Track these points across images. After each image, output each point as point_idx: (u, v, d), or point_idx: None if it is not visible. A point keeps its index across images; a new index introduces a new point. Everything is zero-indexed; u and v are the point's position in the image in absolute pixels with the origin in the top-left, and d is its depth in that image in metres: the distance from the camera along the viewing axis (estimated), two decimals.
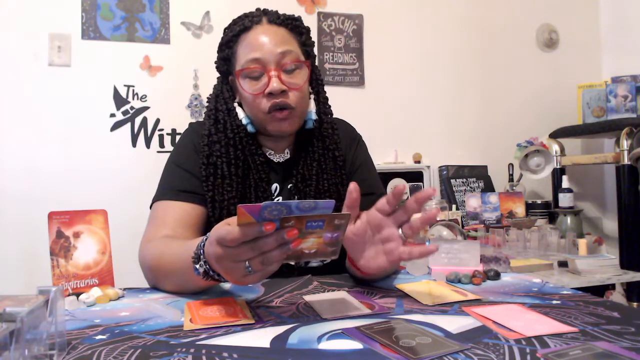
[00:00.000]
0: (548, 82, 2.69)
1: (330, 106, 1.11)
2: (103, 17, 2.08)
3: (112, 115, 2.10)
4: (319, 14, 2.36)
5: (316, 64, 1.11)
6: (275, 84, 0.95)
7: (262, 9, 1.04)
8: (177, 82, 2.17)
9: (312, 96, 1.07)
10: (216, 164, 1.00)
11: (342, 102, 2.31)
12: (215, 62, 1.07)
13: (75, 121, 2.05)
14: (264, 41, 0.97)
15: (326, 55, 2.37)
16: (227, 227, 0.61)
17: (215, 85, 1.09)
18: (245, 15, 1.02)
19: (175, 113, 2.16)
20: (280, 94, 0.96)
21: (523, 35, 2.68)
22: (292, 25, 1.02)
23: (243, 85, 0.99)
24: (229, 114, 1.03)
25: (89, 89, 2.07)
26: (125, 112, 2.12)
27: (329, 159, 1.06)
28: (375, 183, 1.14)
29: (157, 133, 2.15)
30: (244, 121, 1.02)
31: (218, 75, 1.09)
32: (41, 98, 2.01)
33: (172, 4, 2.17)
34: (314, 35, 2.33)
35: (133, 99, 2.12)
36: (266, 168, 1.04)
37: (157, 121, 2.15)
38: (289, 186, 1.06)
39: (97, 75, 2.08)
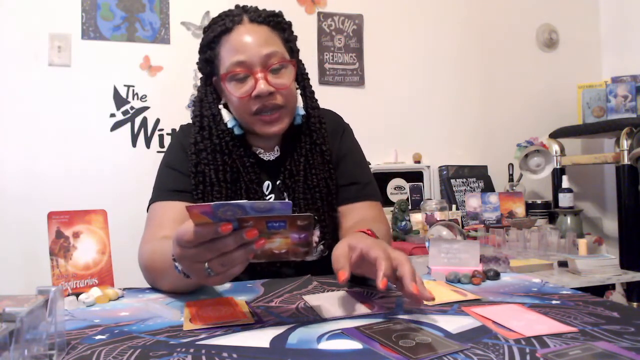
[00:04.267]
0: (548, 82, 2.68)
1: (317, 100, 1.10)
2: (103, 17, 2.08)
3: (112, 115, 2.10)
4: (319, 14, 2.36)
5: (300, 58, 1.08)
6: (262, 86, 0.94)
7: (242, 6, 1.01)
8: (177, 82, 2.17)
9: (299, 91, 1.07)
10: (204, 172, 0.99)
11: (342, 102, 2.31)
12: (198, 64, 1.05)
13: (75, 121, 2.05)
14: (248, 42, 0.95)
15: (326, 55, 2.37)
16: (185, 227, 0.59)
17: (198, 88, 1.07)
18: (226, 15, 1.00)
19: (175, 113, 2.16)
20: (267, 95, 0.95)
21: (523, 35, 2.68)
22: (274, 22, 1.00)
23: (229, 88, 0.97)
24: (214, 119, 1.02)
25: (89, 89, 2.07)
26: (125, 112, 2.12)
27: (317, 154, 1.06)
28: (359, 172, 1.11)
29: (157, 133, 2.15)
30: (230, 124, 1.02)
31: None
32: (41, 98, 2.01)
33: (172, 4, 2.17)
34: (314, 35, 2.34)
35: (133, 99, 2.12)
36: (257, 169, 1.03)
37: (157, 121, 2.15)
38: (277, 183, 1.06)
39: (97, 75, 2.08)
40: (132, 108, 2.12)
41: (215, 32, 0.99)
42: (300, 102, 1.05)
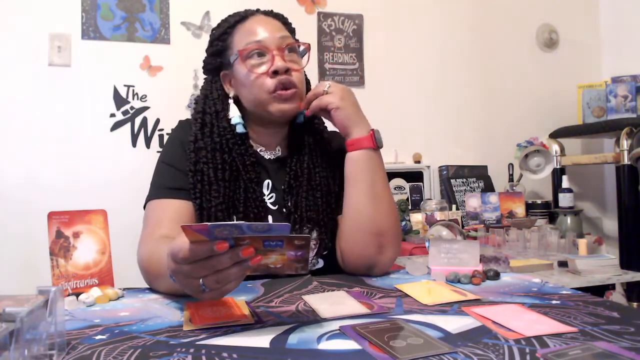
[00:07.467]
0: (548, 82, 2.68)
1: None
2: (103, 17, 2.08)
3: (112, 115, 2.10)
4: (319, 14, 2.36)
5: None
6: (279, 63, 0.96)
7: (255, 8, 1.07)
8: (177, 82, 2.17)
9: None
10: (202, 170, 0.98)
11: None
12: (204, 61, 1.06)
13: (76, 121, 2.05)
14: (264, 27, 1.00)
15: (326, 55, 2.37)
16: (180, 243, 0.59)
17: (203, 86, 1.07)
18: (238, 12, 1.04)
19: (175, 113, 2.15)
20: (284, 73, 0.97)
21: (523, 35, 2.68)
22: (284, 20, 1.07)
23: (246, 65, 0.98)
24: (216, 116, 1.01)
25: (89, 89, 2.07)
26: (125, 112, 2.12)
27: (320, 153, 1.06)
28: None
29: (157, 133, 2.15)
30: (234, 121, 1.01)
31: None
32: (41, 98, 2.01)
33: (172, 4, 2.17)
34: (314, 35, 2.34)
35: (133, 99, 2.12)
36: (257, 168, 1.02)
37: (157, 121, 2.15)
38: (278, 182, 1.05)
39: (97, 75, 2.08)
40: (132, 108, 2.12)
41: (230, 22, 1.03)
42: None
